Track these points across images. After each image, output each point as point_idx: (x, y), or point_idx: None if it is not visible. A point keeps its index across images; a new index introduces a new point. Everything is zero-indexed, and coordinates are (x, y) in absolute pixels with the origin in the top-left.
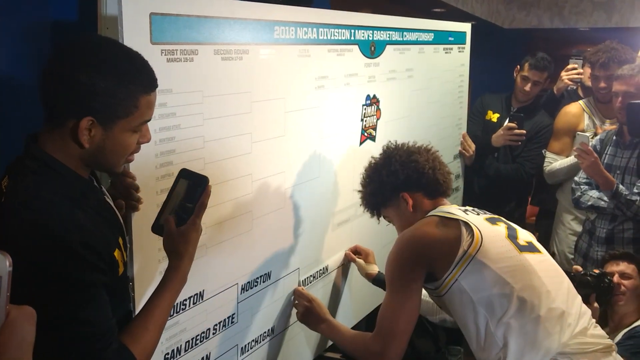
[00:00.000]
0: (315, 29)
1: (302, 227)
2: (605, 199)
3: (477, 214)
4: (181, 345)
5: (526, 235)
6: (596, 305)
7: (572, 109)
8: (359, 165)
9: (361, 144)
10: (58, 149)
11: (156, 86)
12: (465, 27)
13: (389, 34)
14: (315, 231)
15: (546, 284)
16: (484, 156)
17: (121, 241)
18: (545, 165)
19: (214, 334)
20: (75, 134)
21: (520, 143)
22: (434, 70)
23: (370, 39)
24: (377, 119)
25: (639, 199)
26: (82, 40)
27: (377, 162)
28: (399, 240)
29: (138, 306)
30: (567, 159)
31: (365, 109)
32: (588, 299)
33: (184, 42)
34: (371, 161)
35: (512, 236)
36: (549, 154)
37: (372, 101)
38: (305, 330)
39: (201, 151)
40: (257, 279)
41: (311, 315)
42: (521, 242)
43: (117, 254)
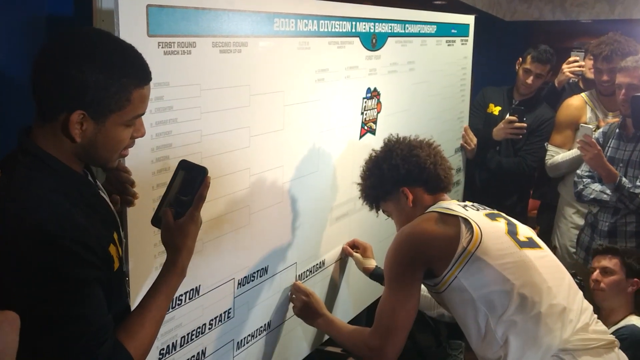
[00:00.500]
0: (315, 21)
1: (300, 221)
2: (607, 192)
3: (477, 210)
4: (176, 341)
5: (526, 230)
6: None
7: (575, 101)
8: (359, 159)
9: (361, 137)
10: (50, 143)
11: (150, 79)
12: (469, 20)
13: (391, 26)
14: (314, 225)
15: (547, 280)
16: (485, 150)
17: (116, 236)
18: (547, 158)
19: (209, 329)
20: (66, 128)
21: (522, 136)
22: (436, 62)
23: (372, 31)
24: (378, 112)
25: None
26: (74, 32)
27: (378, 156)
28: (398, 236)
29: (133, 302)
30: (569, 152)
31: (365, 102)
32: None
33: (181, 34)
34: (372, 154)
35: (512, 232)
36: (550, 147)
37: (373, 94)
38: (302, 324)
39: (198, 145)
40: (254, 273)
41: (308, 310)
42: (521, 238)
43: (112, 249)
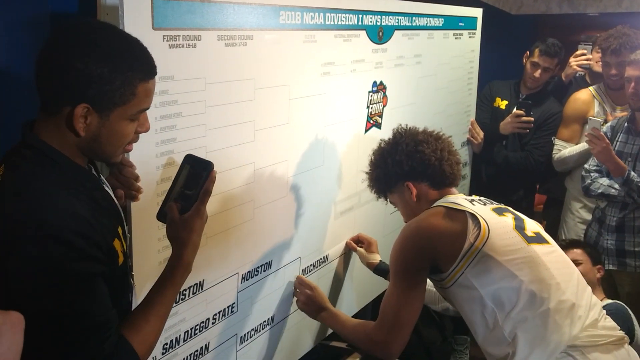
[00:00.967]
0: (321, 14)
1: (304, 215)
2: (615, 186)
3: (484, 205)
4: (180, 335)
5: (534, 225)
6: None
7: (582, 95)
8: (364, 153)
9: (366, 131)
10: (54, 137)
11: (155, 73)
12: (477, 12)
13: (398, 19)
14: (318, 220)
15: (555, 276)
16: (492, 144)
17: (120, 231)
18: (554, 152)
19: (213, 323)
20: (70, 121)
21: (529, 130)
22: (443, 56)
23: (378, 24)
24: (384, 106)
25: None
26: (78, 25)
27: (384, 148)
28: (404, 230)
29: (137, 297)
30: (576, 146)
31: (371, 95)
32: None
33: (186, 27)
34: (380, 144)
35: (519, 227)
36: (558, 142)
37: (379, 88)
38: (305, 318)
39: (203, 139)
40: (258, 268)
41: (312, 304)
42: (529, 233)
43: (117, 243)
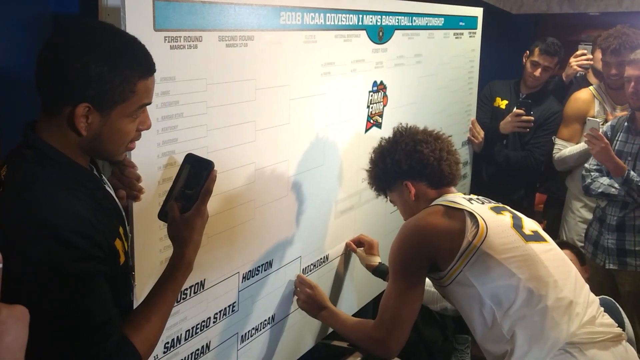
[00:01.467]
0: (322, 14)
1: (305, 215)
2: (616, 185)
3: (482, 203)
4: (181, 335)
5: (532, 224)
6: None
7: (582, 95)
8: (364, 152)
9: (367, 131)
10: (56, 138)
11: (154, 70)
12: (477, 12)
13: (398, 19)
14: (318, 219)
15: (553, 273)
16: (493, 143)
17: (122, 231)
18: (554, 152)
19: (214, 322)
20: (72, 121)
21: (529, 130)
22: (444, 55)
23: (379, 24)
24: (384, 105)
25: None
26: (76, 25)
27: (384, 147)
28: (403, 229)
29: (138, 297)
30: (577, 145)
31: (371, 95)
32: None
33: (188, 28)
34: (381, 142)
35: (517, 226)
36: (558, 141)
37: (379, 87)
38: (306, 317)
39: (204, 140)
40: (259, 267)
41: (312, 303)
42: (527, 232)
43: (118, 243)
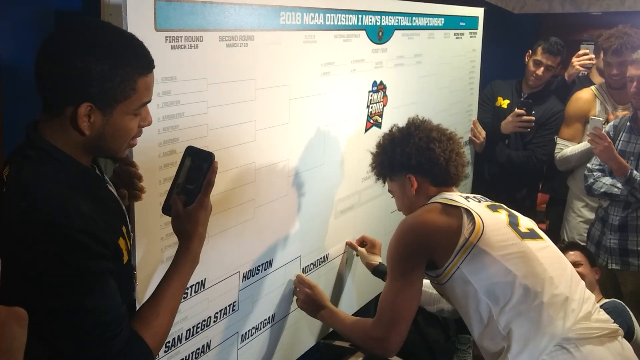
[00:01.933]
0: (321, 14)
1: (305, 215)
2: (618, 185)
3: (478, 202)
4: (182, 334)
5: (527, 222)
6: None
7: (584, 94)
8: (364, 152)
9: (367, 130)
10: (58, 137)
11: (153, 67)
12: (478, 12)
13: (398, 19)
14: (318, 219)
15: (548, 270)
16: (494, 143)
17: (124, 230)
18: (556, 151)
19: (214, 322)
20: (74, 121)
21: (530, 129)
22: (444, 55)
23: (378, 24)
24: (384, 105)
25: None
26: (74, 25)
27: (396, 136)
28: (400, 226)
29: (141, 295)
30: (579, 145)
31: (371, 95)
32: None
33: (188, 28)
34: (393, 129)
35: (513, 223)
36: (560, 141)
37: (379, 87)
38: (306, 317)
39: (205, 139)
40: (259, 266)
41: (312, 302)
42: (522, 229)
43: (121, 242)
